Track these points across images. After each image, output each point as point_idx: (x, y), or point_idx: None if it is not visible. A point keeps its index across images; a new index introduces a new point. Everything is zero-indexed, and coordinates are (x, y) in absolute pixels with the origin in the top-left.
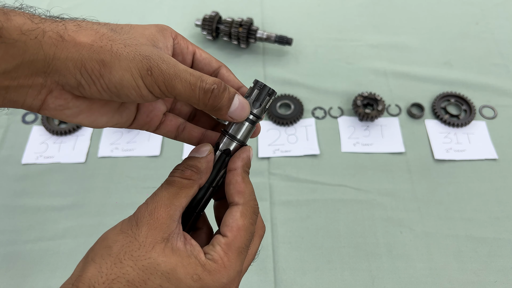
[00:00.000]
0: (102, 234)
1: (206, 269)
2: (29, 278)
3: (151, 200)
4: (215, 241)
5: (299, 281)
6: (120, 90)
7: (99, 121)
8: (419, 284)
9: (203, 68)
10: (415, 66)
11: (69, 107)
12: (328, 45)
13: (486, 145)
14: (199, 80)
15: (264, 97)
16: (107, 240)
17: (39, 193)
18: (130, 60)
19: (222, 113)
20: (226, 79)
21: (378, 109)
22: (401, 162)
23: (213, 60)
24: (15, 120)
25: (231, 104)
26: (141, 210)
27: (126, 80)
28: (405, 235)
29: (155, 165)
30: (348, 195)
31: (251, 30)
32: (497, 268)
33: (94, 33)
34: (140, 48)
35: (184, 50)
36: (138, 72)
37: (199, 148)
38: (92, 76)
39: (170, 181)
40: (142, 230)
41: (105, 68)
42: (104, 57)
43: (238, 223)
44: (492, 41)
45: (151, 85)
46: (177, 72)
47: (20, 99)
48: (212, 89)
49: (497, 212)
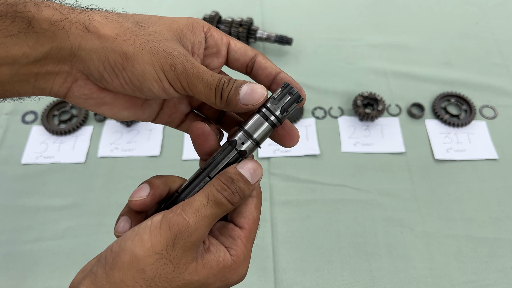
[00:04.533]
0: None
1: (232, 268)
2: (29, 278)
3: (193, 217)
4: (235, 234)
5: (299, 281)
6: (143, 83)
7: (121, 115)
8: (419, 284)
9: (239, 58)
10: (415, 66)
11: (93, 97)
12: (328, 45)
13: (487, 145)
14: (217, 80)
15: (289, 102)
16: (138, 261)
17: (39, 193)
18: (153, 54)
19: (234, 103)
20: (264, 66)
21: (378, 109)
22: (401, 162)
23: (249, 49)
24: (15, 120)
25: (238, 92)
26: (179, 226)
27: (149, 72)
28: (405, 235)
29: (155, 165)
30: (348, 195)
31: (251, 30)
32: (497, 268)
33: (118, 27)
34: (164, 44)
35: (218, 41)
36: (161, 66)
37: (255, 171)
38: (115, 69)
39: (218, 201)
40: (178, 252)
41: (127, 61)
42: (127, 50)
43: (254, 215)
44: (492, 41)
45: (173, 80)
46: (199, 72)
47: (48, 86)
48: (222, 85)
49: (497, 212)
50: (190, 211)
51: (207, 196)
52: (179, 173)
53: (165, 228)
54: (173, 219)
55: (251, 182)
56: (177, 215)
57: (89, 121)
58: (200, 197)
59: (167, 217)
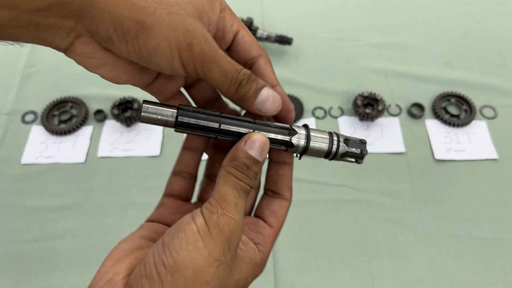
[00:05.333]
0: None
1: (260, 264)
2: (29, 278)
3: (237, 212)
4: (265, 232)
5: (299, 281)
6: (152, 56)
7: (120, 78)
8: (419, 284)
9: (240, 52)
10: (415, 65)
11: (95, 57)
12: (328, 45)
13: (487, 145)
14: (234, 70)
15: (353, 153)
16: (201, 273)
17: (38, 193)
18: (173, 29)
19: (249, 103)
20: (262, 72)
21: (378, 109)
22: (401, 162)
23: (255, 47)
24: (14, 120)
25: (257, 95)
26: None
27: (162, 48)
28: (405, 235)
29: (154, 165)
30: (348, 195)
31: (251, 30)
32: (498, 268)
33: None
34: (185, 19)
35: (227, 27)
36: (178, 44)
37: (264, 149)
38: (127, 35)
39: (246, 190)
40: (232, 253)
41: (143, 30)
42: (145, 19)
43: (284, 218)
44: (493, 40)
45: (187, 61)
46: (217, 57)
47: (48, 38)
48: (241, 79)
49: (497, 212)
50: (231, 208)
51: (235, 187)
52: None
53: (216, 231)
54: (220, 220)
55: (260, 161)
56: (221, 215)
57: (89, 121)
58: (229, 190)
59: (212, 220)
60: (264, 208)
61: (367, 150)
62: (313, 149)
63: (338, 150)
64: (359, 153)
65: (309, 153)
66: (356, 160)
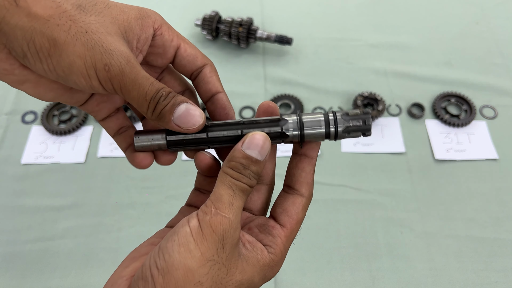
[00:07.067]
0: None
1: (270, 266)
2: (29, 278)
3: (231, 211)
4: (275, 233)
5: (299, 281)
6: (68, 75)
7: (46, 96)
8: (419, 284)
9: (185, 65)
10: (415, 66)
11: (14, 73)
12: (328, 45)
13: (487, 145)
14: (155, 91)
15: (357, 127)
16: (193, 274)
17: (38, 193)
18: (89, 48)
19: (166, 120)
20: (207, 80)
21: (378, 109)
22: (401, 162)
23: (199, 57)
24: (14, 120)
25: (174, 110)
26: (223, 224)
27: (77, 66)
28: (405, 235)
29: (155, 165)
30: (348, 195)
31: (251, 29)
32: (498, 268)
33: (54, 6)
34: (104, 38)
35: (167, 43)
36: (93, 63)
37: (263, 147)
38: (40, 53)
39: (243, 189)
40: (228, 252)
41: (55, 48)
42: (57, 36)
43: (299, 216)
44: (493, 40)
45: (105, 80)
46: (137, 78)
47: None
48: (159, 97)
49: (497, 212)
50: (225, 207)
51: (231, 187)
52: (179, 173)
53: (209, 231)
54: (213, 220)
55: (261, 160)
56: (214, 215)
57: (89, 121)
58: (224, 190)
59: (205, 220)
60: (277, 206)
61: (371, 119)
62: (310, 135)
63: (337, 128)
64: (361, 124)
65: (310, 138)
66: (363, 133)
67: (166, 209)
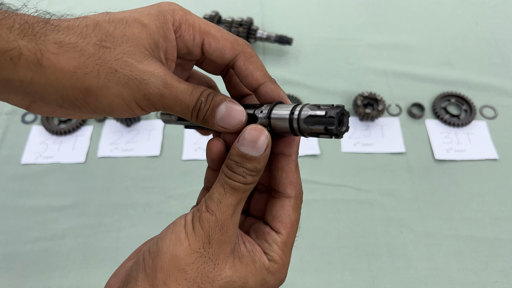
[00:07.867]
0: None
1: (270, 271)
2: (29, 278)
3: (218, 209)
4: (270, 239)
5: (299, 281)
6: (110, 113)
7: (95, 116)
8: (419, 284)
9: (215, 60)
10: (415, 65)
11: (57, 112)
12: (328, 45)
13: (487, 145)
14: (196, 101)
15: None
16: (179, 261)
17: (38, 193)
18: (123, 85)
19: (211, 124)
20: (243, 74)
21: (378, 109)
22: (401, 162)
23: (227, 49)
24: (14, 120)
25: (215, 113)
26: (209, 221)
27: (116, 104)
28: (405, 235)
29: (154, 165)
30: (349, 195)
31: (251, 29)
32: (498, 268)
33: (77, 56)
34: (135, 69)
35: (189, 43)
36: (132, 97)
37: (256, 143)
38: (76, 103)
39: (234, 187)
40: (215, 248)
41: (90, 96)
42: (89, 85)
43: (291, 219)
44: (493, 40)
45: (147, 107)
46: (177, 95)
47: (3, 98)
48: (200, 104)
49: (497, 212)
50: (213, 205)
51: (222, 185)
52: (179, 173)
53: (197, 227)
54: (202, 216)
55: (258, 155)
56: (203, 212)
57: (89, 121)
58: (217, 188)
59: (196, 216)
60: (267, 213)
61: (340, 114)
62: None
63: (300, 116)
64: (323, 115)
65: (277, 129)
66: (326, 128)
67: (166, 209)
